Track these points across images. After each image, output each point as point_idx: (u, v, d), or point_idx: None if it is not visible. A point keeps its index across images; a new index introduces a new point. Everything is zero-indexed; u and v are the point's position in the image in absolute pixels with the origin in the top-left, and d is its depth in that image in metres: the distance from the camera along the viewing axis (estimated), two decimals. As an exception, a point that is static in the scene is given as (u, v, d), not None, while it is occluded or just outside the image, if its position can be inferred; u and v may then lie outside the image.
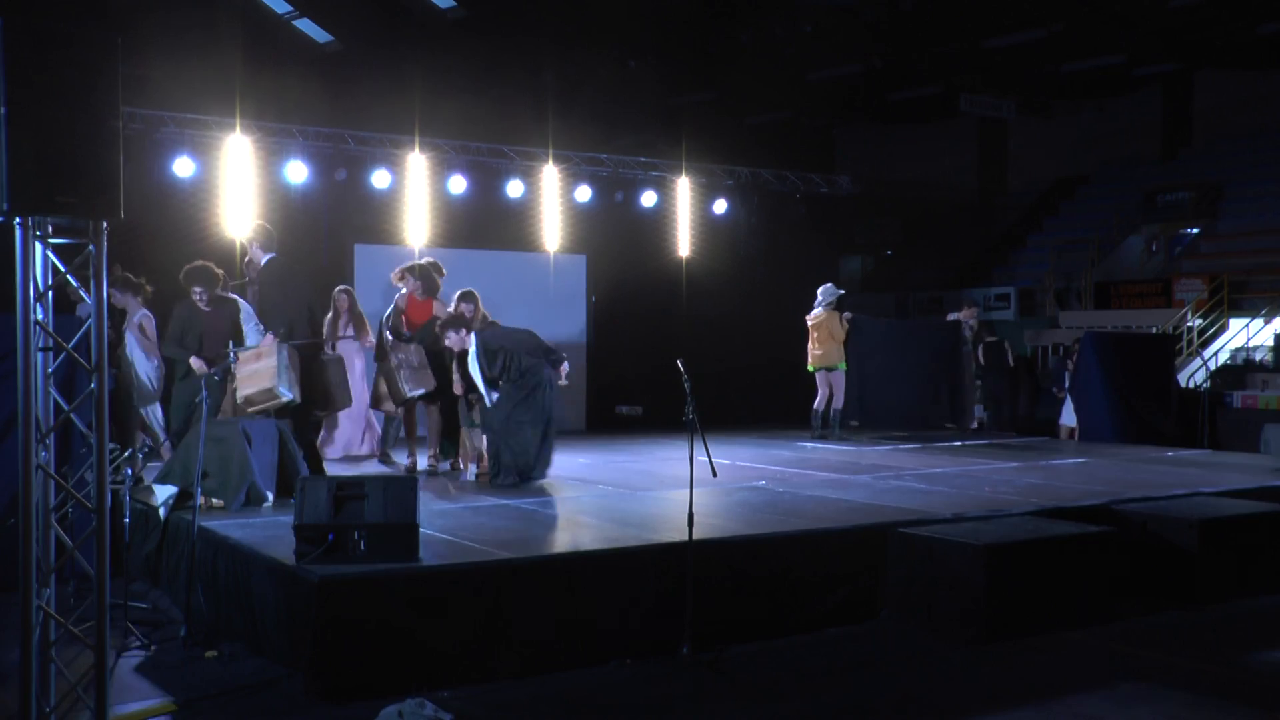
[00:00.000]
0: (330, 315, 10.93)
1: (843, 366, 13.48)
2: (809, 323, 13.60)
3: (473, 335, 9.23)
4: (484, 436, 9.43)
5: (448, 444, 10.34)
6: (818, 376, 13.71)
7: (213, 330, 8.73)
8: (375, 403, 10.82)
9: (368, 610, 5.85)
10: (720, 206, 15.76)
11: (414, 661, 5.86)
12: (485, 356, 9.10)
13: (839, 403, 13.56)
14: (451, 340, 9.33)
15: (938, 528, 7.47)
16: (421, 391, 9.91)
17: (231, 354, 8.09)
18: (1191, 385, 17.64)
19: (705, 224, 15.56)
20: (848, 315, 13.68)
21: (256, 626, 6.39)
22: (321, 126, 13.21)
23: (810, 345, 13.58)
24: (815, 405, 13.75)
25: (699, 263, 15.38)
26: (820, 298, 13.56)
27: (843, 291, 13.87)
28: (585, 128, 17.53)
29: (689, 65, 20.54)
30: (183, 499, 7.70)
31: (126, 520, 7.48)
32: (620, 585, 6.52)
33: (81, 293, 4.79)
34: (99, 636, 4.65)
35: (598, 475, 10.09)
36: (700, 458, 6.46)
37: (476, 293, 9.94)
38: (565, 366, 9.45)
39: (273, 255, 8.91)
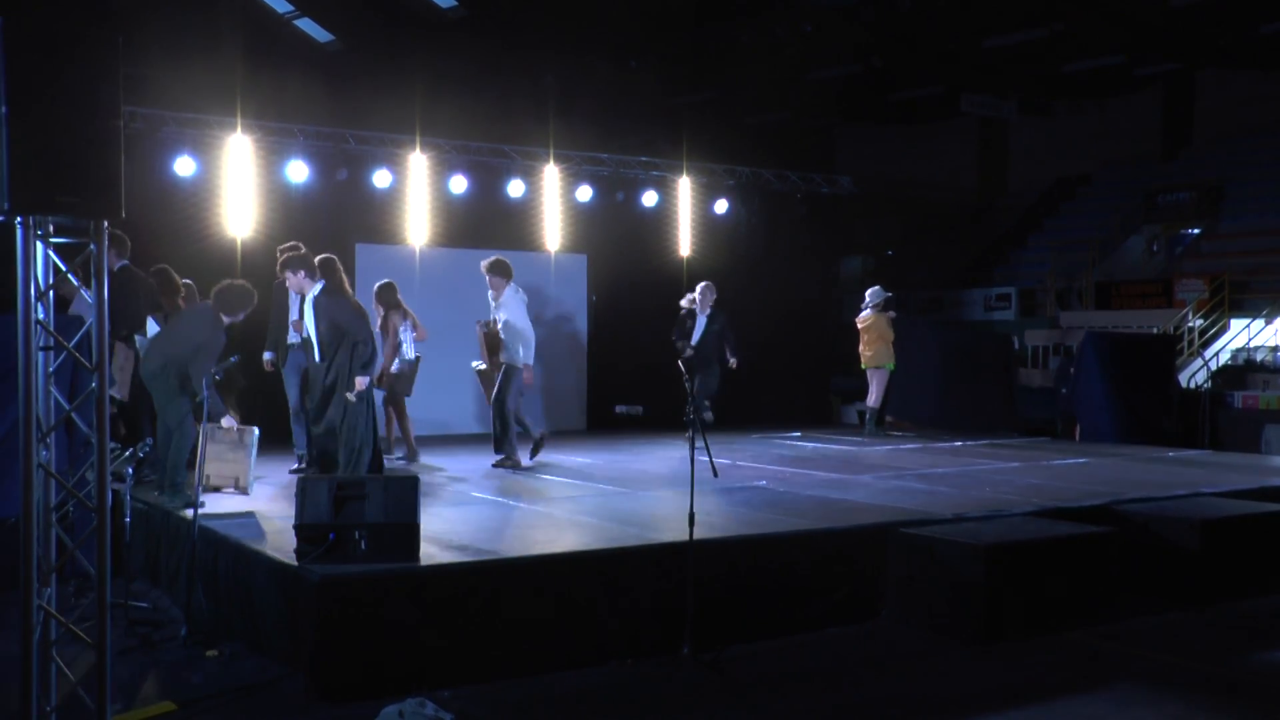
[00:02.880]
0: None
1: (890, 367, 13.76)
2: (859, 325, 13.98)
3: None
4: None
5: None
6: (869, 375, 14.05)
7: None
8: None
9: (368, 610, 5.85)
10: (721, 206, 15.76)
11: (414, 661, 5.86)
12: None
13: (875, 401, 13.89)
14: None
15: (938, 528, 7.47)
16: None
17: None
18: (1192, 385, 17.64)
19: (706, 224, 15.56)
20: (891, 314, 13.99)
21: (257, 626, 6.39)
22: (322, 126, 13.21)
23: (861, 346, 13.94)
24: (869, 404, 14.13)
25: (700, 262, 15.36)
26: (868, 299, 13.93)
27: (890, 294, 14.17)
28: (586, 127, 17.54)
29: (690, 65, 20.53)
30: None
31: (127, 520, 7.49)
32: (620, 585, 6.52)
33: (81, 290, 4.78)
34: (100, 635, 4.65)
35: (598, 475, 10.10)
36: (701, 457, 6.46)
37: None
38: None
39: (125, 263, 9.20)
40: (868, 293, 13.98)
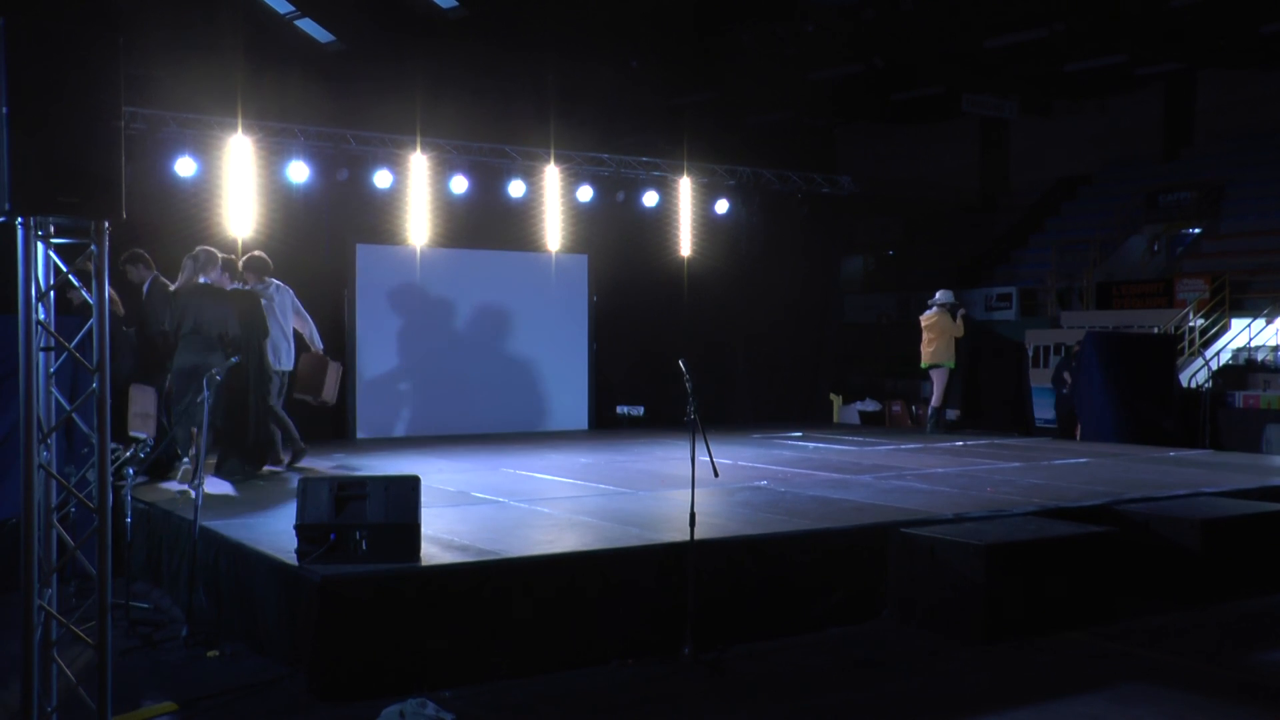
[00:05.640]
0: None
1: (950, 365, 13.98)
2: (922, 323, 14.33)
3: None
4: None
5: None
6: (931, 374, 14.42)
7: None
8: None
9: (369, 610, 5.85)
10: (722, 206, 15.77)
11: (415, 661, 5.86)
12: None
13: (936, 400, 14.14)
14: None
15: (939, 528, 7.47)
16: None
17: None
18: (1193, 385, 17.64)
19: (707, 224, 15.57)
20: (962, 312, 14.38)
21: (258, 626, 6.40)
22: (323, 126, 13.22)
23: (923, 344, 14.27)
24: (933, 404, 14.43)
25: (700, 263, 15.39)
26: (937, 297, 14.31)
27: (961, 307, 14.55)
28: (587, 127, 17.54)
29: (690, 65, 20.52)
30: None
31: (128, 520, 7.49)
32: (621, 585, 6.52)
33: (84, 293, 4.78)
34: (100, 636, 4.66)
35: (598, 475, 10.10)
36: (702, 457, 6.46)
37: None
38: None
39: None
40: (937, 293, 14.40)
